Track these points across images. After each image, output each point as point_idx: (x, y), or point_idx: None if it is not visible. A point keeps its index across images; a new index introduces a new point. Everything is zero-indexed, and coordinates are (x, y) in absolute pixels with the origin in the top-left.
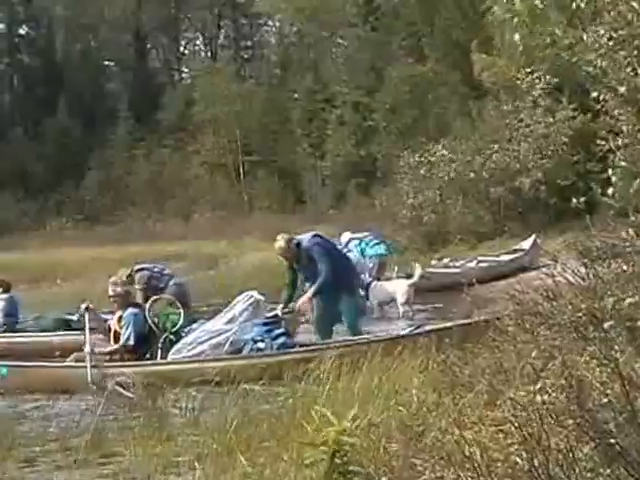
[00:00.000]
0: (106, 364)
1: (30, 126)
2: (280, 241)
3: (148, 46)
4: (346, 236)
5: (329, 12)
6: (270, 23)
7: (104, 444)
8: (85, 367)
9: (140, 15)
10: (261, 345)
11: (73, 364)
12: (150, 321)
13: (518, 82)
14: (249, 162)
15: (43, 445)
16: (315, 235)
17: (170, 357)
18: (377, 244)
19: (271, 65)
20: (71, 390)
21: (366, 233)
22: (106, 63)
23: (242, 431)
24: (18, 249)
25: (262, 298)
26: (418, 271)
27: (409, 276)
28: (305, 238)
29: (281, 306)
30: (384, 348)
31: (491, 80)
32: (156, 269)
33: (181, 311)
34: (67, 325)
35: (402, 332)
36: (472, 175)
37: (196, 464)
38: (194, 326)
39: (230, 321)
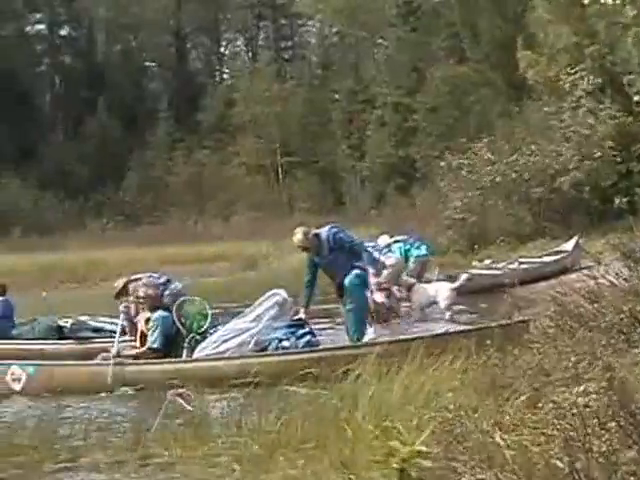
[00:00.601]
0: (130, 362)
1: (71, 127)
2: (298, 234)
3: (188, 47)
4: (384, 239)
5: (369, 13)
6: (310, 24)
7: (144, 444)
8: (110, 366)
9: (180, 16)
10: (286, 344)
11: (100, 362)
12: (177, 322)
13: (560, 83)
14: (289, 163)
15: (84, 445)
16: (333, 226)
17: (195, 355)
18: (420, 246)
19: (311, 66)
20: (96, 390)
21: (405, 236)
22: (146, 64)
23: (282, 432)
24: (59, 249)
25: (287, 297)
26: (463, 276)
27: (450, 278)
28: (324, 229)
29: (302, 309)
30: (425, 348)
31: (535, 78)
32: (150, 278)
33: (209, 312)
34: (60, 332)
35: (442, 330)
36: (513, 176)
37: (235, 465)
38: (219, 326)
39: (255, 319)
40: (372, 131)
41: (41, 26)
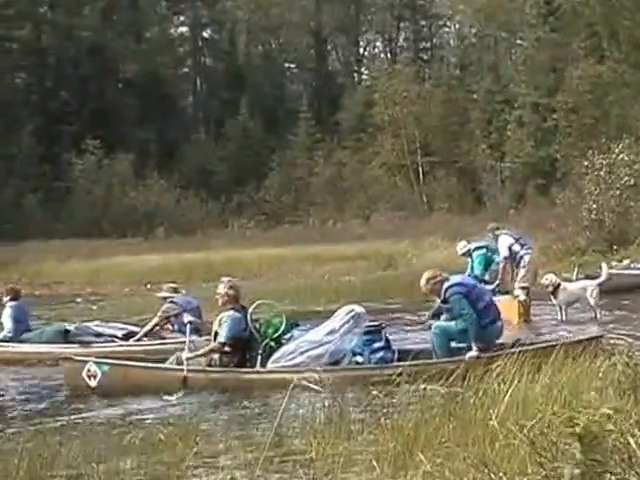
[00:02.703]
0: (205, 369)
1: (213, 128)
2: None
3: (328, 48)
4: (461, 246)
5: (508, 13)
6: (449, 24)
7: (285, 441)
8: (183, 370)
9: (320, 17)
10: (359, 359)
11: (173, 367)
12: (251, 326)
13: None
14: (428, 163)
15: (226, 442)
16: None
17: (270, 366)
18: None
19: (450, 66)
20: (169, 391)
21: (516, 236)
22: (287, 65)
23: (421, 430)
24: (202, 249)
25: (363, 311)
26: (605, 271)
27: (589, 277)
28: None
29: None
30: (565, 351)
31: None
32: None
33: (283, 318)
34: (66, 336)
35: (590, 335)
36: None
37: (374, 463)
38: (295, 333)
39: (331, 333)
40: (511, 131)
41: (184, 29)
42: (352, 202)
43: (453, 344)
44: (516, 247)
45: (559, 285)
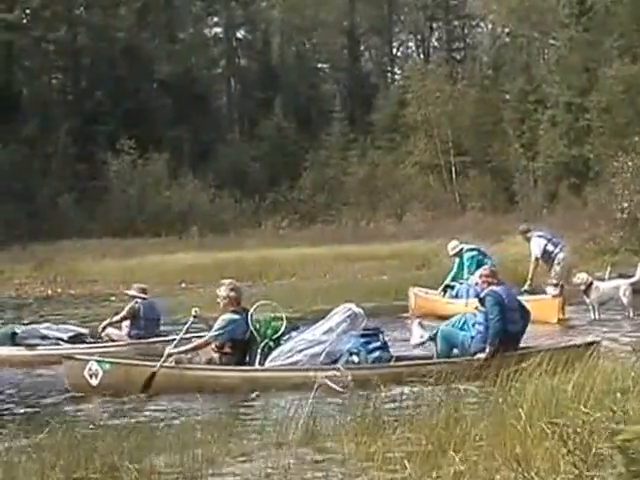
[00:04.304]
0: (206, 366)
1: (247, 128)
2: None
3: (361, 48)
4: (453, 245)
5: (541, 13)
6: (482, 24)
7: (318, 439)
8: (181, 369)
9: (354, 17)
10: (355, 359)
11: (173, 365)
12: (252, 327)
13: None
14: (461, 162)
15: (260, 440)
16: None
17: (267, 365)
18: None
19: (483, 66)
20: (167, 391)
21: (549, 236)
22: (320, 65)
23: (453, 429)
24: (235, 248)
25: (360, 311)
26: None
27: (621, 276)
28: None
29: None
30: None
31: None
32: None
33: (284, 319)
34: (14, 339)
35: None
36: None
37: (406, 462)
38: (293, 334)
39: (327, 332)
40: (544, 130)
41: (218, 29)
42: (385, 202)
43: (455, 351)
44: (550, 247)
45: (591, 284)
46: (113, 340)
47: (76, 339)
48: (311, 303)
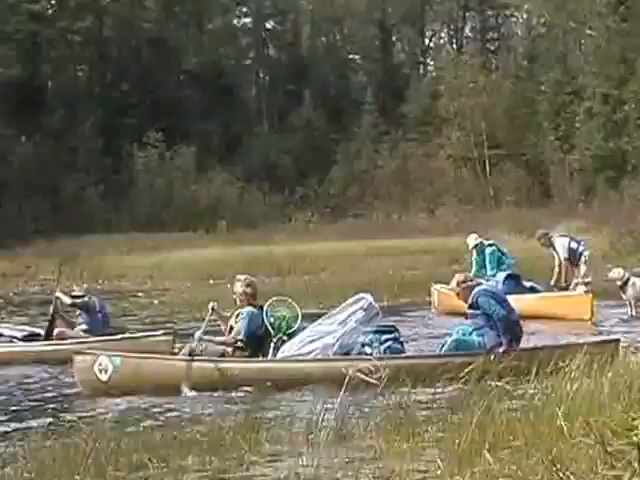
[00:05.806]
0: (218, 359)
1: (276, 120)
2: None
3: (393, 39)
4: (472, 239)
5: (577, 2)
6: (517, 14)
7: (348, 438)
8: (195, 362)
9: (385, 7)
10: (368, 350)
11: (187, 358)
12: (267, 321)
13: None
14: (495, 155)
15: (289, 439)
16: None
17: (280, 355)
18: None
19: (518, 57)
20: (182, 384)
21: (561, 232)
22: (351, 56)
23: (487, 428)
24: (265, 242)
25: (373, 301)
26: None
27: None
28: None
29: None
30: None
31: None
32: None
33: (299, 314)
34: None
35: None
36: None
37: (438, 461)
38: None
39: (341, 322)
40: (581, 123)
41: (247, 20)
42: (417, 195)
43: None
44: (574, 244)
45: (628, 280)
46: (65, 338)
47: (29, 338)
48: (340, 298)
